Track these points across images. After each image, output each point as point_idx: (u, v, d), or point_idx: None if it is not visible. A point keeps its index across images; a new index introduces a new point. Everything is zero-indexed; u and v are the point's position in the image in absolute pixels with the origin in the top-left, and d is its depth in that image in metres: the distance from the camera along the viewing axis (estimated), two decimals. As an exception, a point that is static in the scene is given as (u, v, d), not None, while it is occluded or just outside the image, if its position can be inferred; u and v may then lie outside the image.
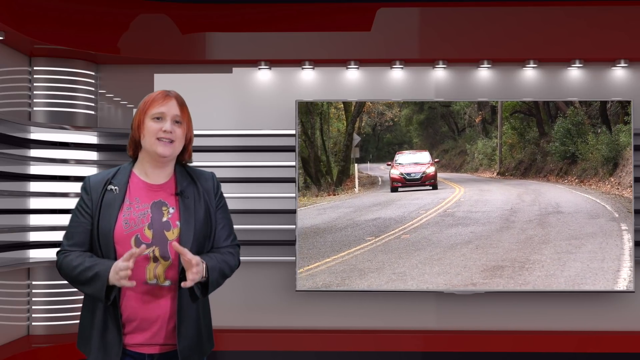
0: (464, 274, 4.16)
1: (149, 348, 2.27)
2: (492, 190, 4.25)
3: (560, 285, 4.25)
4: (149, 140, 2.25)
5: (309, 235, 4.32)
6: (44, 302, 4.52)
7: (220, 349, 4.51)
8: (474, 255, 4.20)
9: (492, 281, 4.14)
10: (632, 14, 4.52)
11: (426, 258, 4.19)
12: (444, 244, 4.23)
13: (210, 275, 2.24)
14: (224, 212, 2.40)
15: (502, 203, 4.25)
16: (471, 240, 4.18)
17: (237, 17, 4.60)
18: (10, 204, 4.30)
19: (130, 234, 2.22)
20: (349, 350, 4.53)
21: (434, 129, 4.26)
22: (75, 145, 4.52)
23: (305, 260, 4.20)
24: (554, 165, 4.29)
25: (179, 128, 2.27)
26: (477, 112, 4.20)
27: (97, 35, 4.46)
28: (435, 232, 4.20)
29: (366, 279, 4.19)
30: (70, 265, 2.23)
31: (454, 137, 4.25)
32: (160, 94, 2.29)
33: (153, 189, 2.30)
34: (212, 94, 4.73)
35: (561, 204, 4.30)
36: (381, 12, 4.58)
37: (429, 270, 4.18)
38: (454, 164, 4.26)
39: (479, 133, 4.23)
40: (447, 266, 4.18)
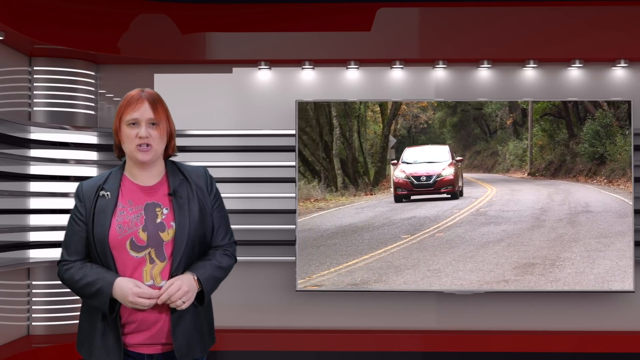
0: (497, 271, 4.27)
1: (149, 348, 2.27)
2: (523, 190, 4.34)
3: (590, 283, 4.33)
4: (129, 147, 2.26)
5: (347, 233, 4.42)
6: (44, 302, 4.52)
7: (220, 349, 4.51)
8: (506, 253, 4.31)
9: (524, 278, 4.26)
10: (632, 14, 4.52)
11: (460, 255, 4.30)
12: (476, 242, 4.33)
13: (205, 287, 2.26)
14: (220, 211, 2.39)
15: (533, 202, 4.36)
16: (503, 238, 4.29)
17: (237, 17, 4.60)
18: (10, 204, 4.30)
19: (124, 238, 2.22)
20: (349, 350, 4.53)
21: (466, 131, 4.34)
22: (75, 145, 4.52)
23: (344, 257, 4.32)
24: (583, 165, 4.38)
25: (154, 130, 2.25)
26: (509, 114, 4.30)
27: (97, 35, 4.46)
28: (469, 231, 4.30)
29: (402, 276, 4.30)
30: (73, 279, 2.25)
31: (486, 138, 4.34)
32: (133, 97, 2.26)
33: (145, 190, 2.30)
34: (212, 94, 4.73)
35: (590, 204, 4.38)
36: (381, 12, 4.58)
37: (462, 267, 4.28)
38: (486, 164, 4.35)
39: (510, 135, 4.33)
40: (480, 263, 4.28)
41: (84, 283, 2.21)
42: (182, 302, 2.18)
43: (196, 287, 2.24)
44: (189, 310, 2.27)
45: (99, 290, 2.18)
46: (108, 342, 2.22)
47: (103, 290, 2.17)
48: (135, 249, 2.23)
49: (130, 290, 2.15)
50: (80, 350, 2.30)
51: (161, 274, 2.24)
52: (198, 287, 2.25)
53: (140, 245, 2.22)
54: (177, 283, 2.19)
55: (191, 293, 2.21)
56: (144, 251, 2.23)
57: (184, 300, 2.19)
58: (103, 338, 2.23)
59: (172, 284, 2.18)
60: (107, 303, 2.17)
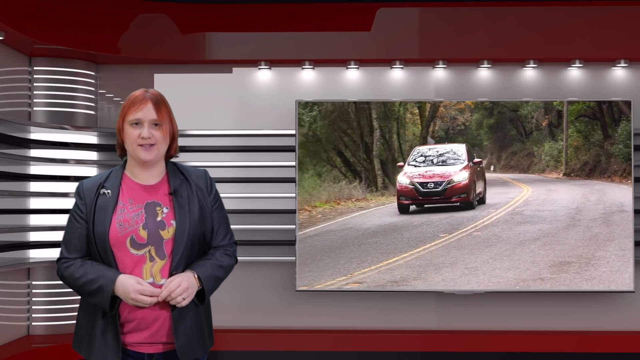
0: (533, 269, 4.35)
1: (149, 347, 2.27)
2: (559, 190, 4.42)
3: (625, 281, 4.38)
4: (131, 146, 2.27)
5: (387, 231, 4.47)
6: (44, 302, 4.52)
7: (220, 349, 4.51)
8: (542, 251, 4.39)
9: (560, 276, 4.34)
10: (632, 14, 4.52)
11: (497, 254, 4.37)
12: (513, 240, 4.40)
13: (205, 285, 2.27)
14: (220, 211, 2.40)
15: (568, 202, 4.43)
16: (539, 237, 4.38)
17: (237, 17, 4.60)
18: (10, 204, 4.30)
19: (125, 235, 2.23)
20: (349, 350, 4.53)
21: (503, 132, 4.42)
22: (75, 145, 4.52)
23: (385, 255, 4.39)
24: (618, 166, 4.44)
25: (157, 131, 2.26)
26: (544, 116, 4.38)
27: (97, 35, 4.46)
28: (505, 230, 4.38)
29: (440, 274, 4.37)
30: (73, 277, 2.25)
31: (522, 139, 4.41)
32: (137, 97, 2.27)
33: (146, 189, 2.31)
34: (212, 94, 4.73)
35: (625, 204, 4.43)
36: (381, 12, 4.58)
37: (499, 265, 4.36)
38: (522, 165, 4.43)
39: (546, 136, 4.40)
40: (517, 262, 4.36)
41: (85, 281, 2.21)
42: (182, 298, 2.19)
43: (196, 285, 2.25)
44: (189, 308, 2.27)
45: (99, 287, 2.18)
46: (107, 340, 2.23)
47: (104, 288, 2.17)
48: (136, 247, 2.23)
49: (132, 287, 2.15)
50: (79, 349, 2.30)
51: (161, 272, 2.25)
52: (198, 285, 2.25)
53: (140, 243, 2.23)
54: (177, 280, 2.19)
55: (191, 290, 2.22)
56: (144, 249, 2.23)
57: (184, 296, 2.19)
58: (103, 336, 2.23)
59: (172, 281, 2.19)
60: (108, 301, 2.18)
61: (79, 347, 2.30)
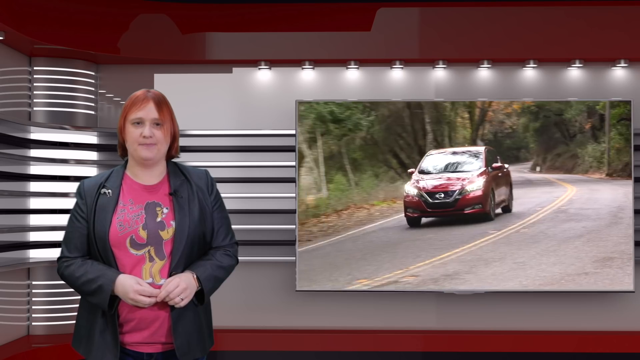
0: (577, 264, 4.49)
1: (149, 347, 2.27)
2: (601, 189, 4.57)
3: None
4: (132, 146, 2.27)
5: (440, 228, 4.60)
6: (44, 302, 4.52)
7: (220, 349, 4.51)
8: (586, 247, 4.54)
9: (603, 271, 4.48)
10: (632, 14, 4.52)
11: (543, 250, 4.51)
12: (558, 237, 4.54)
13: (205, 286, 2.27)
14: (221, 212, 2.40)
15: (610, 201, 4.57)
16: (583, 234, 4.53)
17: (237, 17, 4.60)
18: (10, 204, 4.30)
19: (125, 235, 2.23)
20: (349, 350, 4.53)
21: (548, 135, 4.56)
22: (75, 145, 4.53)
23: (438, 251, 4.52)
24: None
25: (158, 130, 2.26)
26: (587, 119, 4.54)
27: (97, 35, 4.46)
28: (551, 227, 4.52)
29: (490, 268, 4.49)
30: (73, 276, 2.26)
31: (566, 142, 4.57)
32: (139, 96, 2.28)
33: (147, 189, 2.31)
34: (212, 94, 4.73)
35: None
36: (381, 12, 4.58)
37: (545, 260, 4.50)
38: (566, 166, 4.61)
39: (589, 138, 4.56)
40: (562, 257, 4.50)
41: (85, 280, 2.22)
42: (181, 299, 2.19)
43: (195, 286, 2.25)
44: (189, 309, 2.27)
45: (99, 287, 2.18)
46: (106, 339, 2.23)
47: (104, 287, 2.18)
48: (135, 247, 2.24)
49: (132, 287, 2.16)
50: (78, 347, 2.31)
51: (160, 272, 2.25)
52: (197, 285, 2.25)
53: (140, 243, 2.23)
54: (176, 280, 2.20)
55: (189, 290, 2.22)
56: (143, 249, 2.24)
57: (183, 297, 2.19)
58: (102, 335, 2.23)
59: (170, 281, 2.19)
60: (107, 300, 2.18)
61: (78, 345, 2.31)
